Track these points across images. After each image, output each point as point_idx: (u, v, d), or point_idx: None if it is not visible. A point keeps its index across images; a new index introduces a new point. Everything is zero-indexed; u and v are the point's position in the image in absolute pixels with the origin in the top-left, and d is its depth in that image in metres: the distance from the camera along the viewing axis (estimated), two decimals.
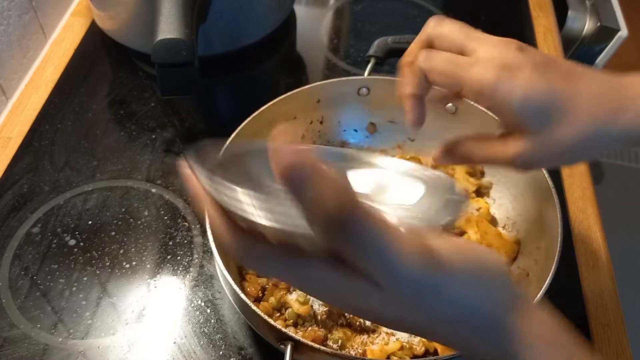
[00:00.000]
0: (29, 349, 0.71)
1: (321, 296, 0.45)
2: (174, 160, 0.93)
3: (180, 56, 0.74)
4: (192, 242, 0.83)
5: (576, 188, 0.92)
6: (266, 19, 1.08)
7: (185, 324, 0.74)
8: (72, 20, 1.16)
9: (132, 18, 1.01)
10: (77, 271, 0.79)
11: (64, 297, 0.76)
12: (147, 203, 0.87)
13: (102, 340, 0.72)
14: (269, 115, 0.81)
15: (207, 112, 1.03)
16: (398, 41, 0.91)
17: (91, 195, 0.88)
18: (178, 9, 0.76)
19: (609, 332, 0.76)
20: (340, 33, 1.19)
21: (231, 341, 0.72)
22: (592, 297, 0.79)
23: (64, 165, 0.91)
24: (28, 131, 0.96)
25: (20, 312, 0.74)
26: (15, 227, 0.83)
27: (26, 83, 1.05)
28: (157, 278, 0.78)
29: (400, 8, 1.25)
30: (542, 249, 0.71)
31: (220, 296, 0.77)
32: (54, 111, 1.00)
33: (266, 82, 1.08)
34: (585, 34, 1.37)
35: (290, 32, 1.19)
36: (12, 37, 1.00)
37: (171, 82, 0.78)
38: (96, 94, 1.03)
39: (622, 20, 1.37)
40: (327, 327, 0.69)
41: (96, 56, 1.10)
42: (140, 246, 0.82)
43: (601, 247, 0.85)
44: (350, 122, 0.89)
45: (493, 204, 0.82)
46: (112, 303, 0.76)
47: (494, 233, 0.75)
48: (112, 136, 0.96)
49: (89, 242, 0.82)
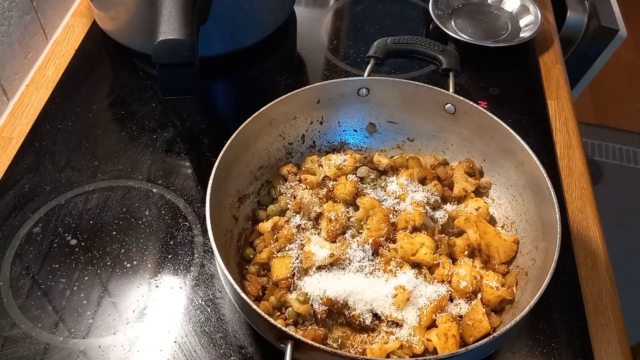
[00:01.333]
0: (30, 349, 0.71)
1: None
2: (175, 160, 0.93)
3: (181, 57, 0.74)
4: (193, 241, 0.83)
5: (575, 188, 0.93)
6: (266, 20, 1.09)
7: (186, 323, 0.74)
8: (73, 21, 1.17)
9: (133, 19, 1.01)
10: (78, 271, 0.79)
11: (65, 296, 0.76)
12: (148, 203, 0.87)
13: (103, 339, 0.72)
14: (269, 116, 0.81)
15: (208, 112, 1.03)
16: (397, 42, 0.91)
17: (92, 195, 0.88)
18: (179, 10, 0.76)
19: (608, 332, 0.76)
20: (340, 34, 1.20)
21: (232, 340, 0.73)
22: (591, 296, 0.79)
23: (65, 165, 0.92)
24: (29, 131, 0.96)
25: (21, 312, 0.74)
26: (16, 227, 0.83)
27: (27, 83, 1.05)
28: (158, 277, 0.79)
29: (400, 9, 1.26)
30: (541, 249, 0.71)
31: (221, 295, 0.77)
32: (55, 111, 1.00)
33: (266, 83, 1.08)
34: (585, 35, 1.38)
35: (291, 33, 1.19)
36: (13, 37, 1.00)
37: (172, 83, 0.78)
38: (97, 94, 1.03)
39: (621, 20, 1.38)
40: (327, 326, 0.70)
41: (97, 57, 1.10)
42: (141, 246, 0.82)
43: (600, 246, 0.85)
44: (350, 122, 0.90)
45: (492, 204, 0.83)
46: (113, 302, 0.76)
47: (492, 233, 0.75)
48: (113, 136, 0.97)
49: (90, 242, 0.82)
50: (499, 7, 1.22)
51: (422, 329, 0.68)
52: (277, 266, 0.72)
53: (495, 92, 1.06)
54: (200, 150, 0.95)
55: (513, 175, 0.80)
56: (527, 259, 0.73)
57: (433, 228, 0.77)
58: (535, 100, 1.06)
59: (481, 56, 1.13)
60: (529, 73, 1.11)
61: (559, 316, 0.76)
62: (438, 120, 0.86)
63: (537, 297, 0.61)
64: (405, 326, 0.68)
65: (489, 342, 0.60)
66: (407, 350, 0.67)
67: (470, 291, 0.70)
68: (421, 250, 0.73)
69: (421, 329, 0.68)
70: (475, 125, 0.83)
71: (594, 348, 0.74)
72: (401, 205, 0.79)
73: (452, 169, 0.84)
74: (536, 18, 1.16)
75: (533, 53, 1.15)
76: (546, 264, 0.65)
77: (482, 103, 1.01)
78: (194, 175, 0.91)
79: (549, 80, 1.10)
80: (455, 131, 0.86)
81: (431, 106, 0.85)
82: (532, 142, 0.76)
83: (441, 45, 0.90)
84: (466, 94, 0.84)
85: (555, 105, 1.06)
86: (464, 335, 0.68)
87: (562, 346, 0.73)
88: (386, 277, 0.71)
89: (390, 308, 0.69)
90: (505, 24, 1.19)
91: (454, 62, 0.89)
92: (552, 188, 0.70)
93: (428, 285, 0.71)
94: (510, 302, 0.70)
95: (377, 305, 0.69)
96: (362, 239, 0.75)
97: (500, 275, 0.72)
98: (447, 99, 0.83)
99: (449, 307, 0.71)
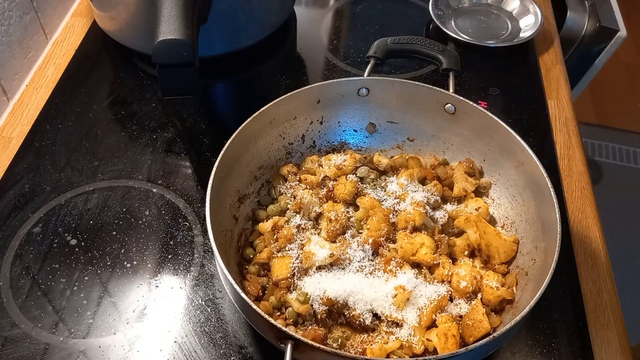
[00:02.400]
0: (30, 349, 0.71)
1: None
2: (175, 160, 0.93)
3: (181, 57, 0.74)
4: (193, 241, 0.83)
5: (575, 188, 0.93)
6: (266, 20, 1.09)
7: (186, 323, 0.74)
8: (73, 21, 1.17)
9: (133, 19, 1.01)
10: (78, 271, 0.79)
11: (64, 296, 0.76)
12: (148, 203, 0.87)
13: (103, 339, 0.72)
14: (270, 116, 0.81)
15: (208, 112, 1.03)
16: (397, 42, 0.91)
17: (92, 195, 0.88)
18: (179, 10, 0.76)
19: (608, 332, 0.76)
20: (340, 34, 1.20)
21: (232, 340, 0.73)
22: (591, 296, 0.79)
23: (65, 165, 0.92)
24: (29, 131, 0.96)
25: (21, 312, 0.74)
26: (16, 227, 0.83)
27: (27, 83, 1.05)
28: (158, 277, 0.79)
29: (400, 9, 1.26)
30: (541, 249, 0.71)
31: (221, 295, 0.77)
32: (55, 111, 1.00)
33: (266, 83, 1.08)
34: (585, 35, 1.38)
35: (291, 33, 1.19)
36: (13, 37, 1.00)
37: (172, 83, 0.78)
38: (97, 94, 1.03)
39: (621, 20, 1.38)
40: (327, 326, 0.70)
41: (97, 57, 1.10)
42: (141, 246, 0.82)
43: (600, 246, 0.85)
44: (350, 122, 0.90)
45: (492, 204, 0.83)
46: (113, 302, 0.76)
47: (492, 233, 0.75)
48: (113, 136, 0.97)
49: (90, 242, 0.82)
50: (499, 7, 1.22)
51: (422, 329, 0.68)
52: (277, 266, 0.72)
53: (495, 92, 1.06)
54: (200, 150, 0.95)
55: (513, 175, 0.80)
56: (527, 259, 0.73)
57: (433, 228, 0.77)
58: (535, 100, 1.06)
59: (481, 56, 1.13)
60: (529, 73, 1.11)
61: (559, 316, 0.76)
62: (438, 120, 0.86)
63: (537, 297, 0.61)
64: (405, 326, 0.68)
65: (489, 342, 0.60)
66: (407, 350, 0.67)
67: (470, 291, 0.70)
68: (421, 250, 0.73)
69: (421, 329, 0.68)
70: (475, 125, 0.83)
71: (594, 348, 0.74)
72: (401, 205, 0.79)
73: (452, 169, 0.84)
74: (536, 18, 1.16)
75: (533, 53, 1.15)
76: (546, 264, 0.65)
77: (482, 103, 1.01)
78: (194, 175, 0.91)
79: (549, 80, 1.10)
80: (455, 131, 0.86)
81: (431, 106, 0.85)
82: (532, 142, 0.76)
83: (441, 45, 0.90)
84: (466, 94, 0.84)
85: (555, 105, 1.06)
86: (464, 335, 0.68)
87: (562, 346, 0.73)
88: (386, 277, 0.71)
89: (390, 308, 0.69)
90: (505, 24, 1.19)
91: (454, 62, 0.89)
92: (552, 188, 0.70)
93: (428, 285, 0.71)
94: (510, 302, 0.70)
95: (377, 305, 0.69)
96: (362, 239, 0.75)
97: (500, 275, 0.72)
98: (447, 99, 0.83)
99: (449, 307, 0.71)
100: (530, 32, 1.13)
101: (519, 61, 1.14)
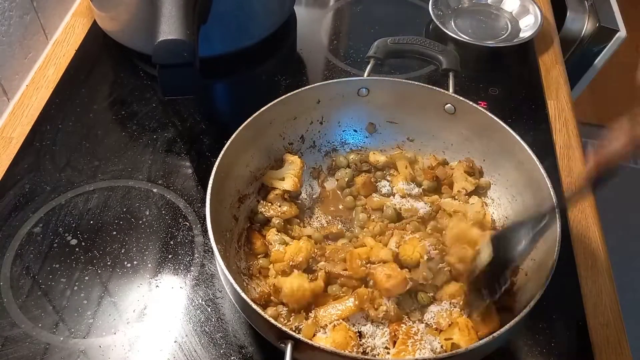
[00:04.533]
0: (30, 348, 0.71)
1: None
2: (175, 160, 0.93)
3: (181, 57, 0.74)
4: (193, 241, 0.83)
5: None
6: (266, 20, 1.09)
7: (186, 323, 0.74)
8: (73, 21, 1.17)
9: (133, 19, 1.02)
10: (78, 270, 0.79)
11: (65, 296, 0.76)
12: (149, 203, 0.87)
13: (103, 339, 0.72)
14: (270, 116, 0.81)
15: (208, 112, 1.03)
16: (397, 42, 0.91)
17: (92, 195, 0.88)
18: (179, 10, 0.76)
19: (607, 332, 0.76)
20: (340, 34, 1.20)
21: (232, 340, 0.73)
22: (591, 296, 0.79)
23: (65, 165, 0.92)
24: (29, 131, 0.97)
25: (22, 312, 0.74)
26: (16, 227, 0.83)
27: (27, 83, 1.05)
28: (158, 277, 0.79)
29: (400, 9, 1.26)
30: (541, 249, 0.71)
31: (221, 295, 0.77)
32: (55, 111, 1.00)
33: (266, 83, 1.08)
34: (585, 35, 1.38)
35: (291, 33, 1.19)
36: (13, 37, 1.00)
37: (172, 83, 0.78)
38: (97, 94, 1.04)
39: (621, 20, 1.38)
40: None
41: (97, 57, 1.10)
42: (141, 246, 0.82)
43: (600, 246, 0.85)
44: (350, 123, 0.90)
45: (492, 204, 0.83)
46: (113, 302, 0.76)
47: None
48: (113, 136, 0.97)
49: (91, 242, 0.82)
50: (499, 7, 1.22)
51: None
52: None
53: (495, 92, 1.06)
54: (200, 150, 0.95)
55: (513, 175, 0.80)
56: (527, 258, 0.73)
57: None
58: (535, 100, 1.06)
59: (481, 56, 1.13)
60: (529, 73, 1.11)
61: (558, 316, 0.76)
62: (438, 120, 0.86)
63: (537, 297, 0.61)
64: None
65: (489, 342, 0.60)
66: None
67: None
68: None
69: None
70: (475, 125, 0.83)
71: (594, 348, 0.74)
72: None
73: (452, 168, 0.84)
74: (536, 18, 1.16)
75: (533, 53, 1.15)
76: (546, 264, 0.65)
77: (482, 103, 1.01)
78: (194, 175, 0.91)
79: (548, 80, 1.10)
80: (455, 131, 0.86)
81: (431, 106, 0.85)
82: (532, 142, 0.76)
83: (441, 46, 0.90)
84: (466, 94, 0.84)
85: (555, 105, 1.06)
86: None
87: (562, 346, 0.73)
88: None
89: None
90: (505, 24, 1.19)
91: (454, 62, 0.89)
92: (552, 188, 0.70)
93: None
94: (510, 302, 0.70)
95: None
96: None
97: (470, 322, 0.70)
98: (447, 99, 0.83)
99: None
100: (530, 32, 1.13)
101: (518, 61, 1.14)
